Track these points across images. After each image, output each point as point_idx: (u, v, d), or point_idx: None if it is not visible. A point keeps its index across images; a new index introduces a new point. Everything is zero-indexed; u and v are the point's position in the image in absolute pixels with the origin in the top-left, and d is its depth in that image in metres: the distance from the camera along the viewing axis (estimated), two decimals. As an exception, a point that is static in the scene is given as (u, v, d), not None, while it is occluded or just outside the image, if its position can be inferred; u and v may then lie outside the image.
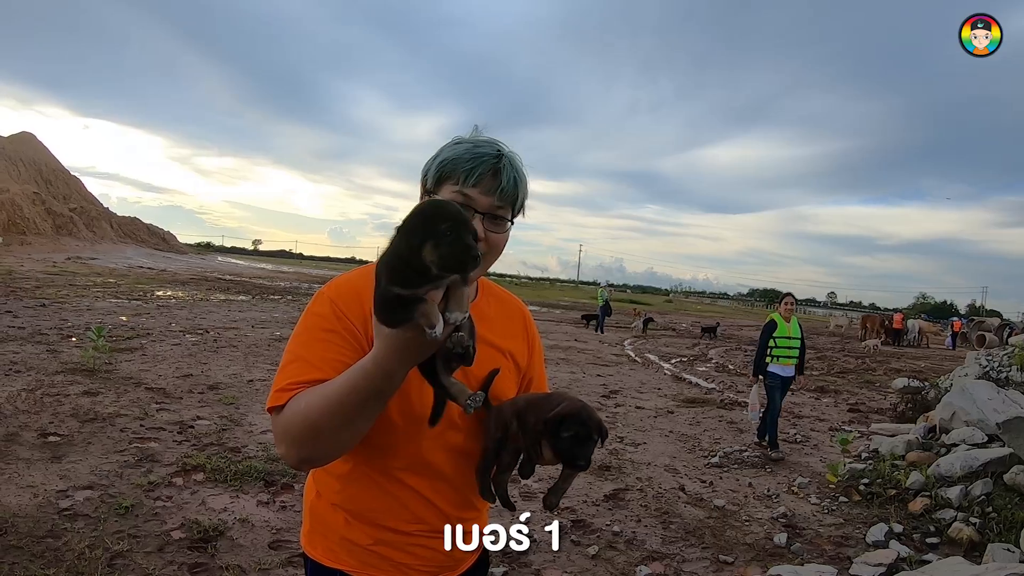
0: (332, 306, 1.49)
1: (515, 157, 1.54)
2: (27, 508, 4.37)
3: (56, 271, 28.63)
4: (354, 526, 1.55)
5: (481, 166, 1.47)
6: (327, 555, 1.58)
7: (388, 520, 1.54)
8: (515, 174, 1.51)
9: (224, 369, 9.81)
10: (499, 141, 1.55)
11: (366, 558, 1.55)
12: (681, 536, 5.13)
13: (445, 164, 1.50)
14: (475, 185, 1.47)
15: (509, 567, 4.32)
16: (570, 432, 1.38)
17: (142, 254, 51.09)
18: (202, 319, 16.06)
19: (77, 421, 6.35)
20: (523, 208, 1.59)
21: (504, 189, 1.49)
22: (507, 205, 1.51)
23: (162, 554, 3.96)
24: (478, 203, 1.48)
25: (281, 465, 5.48)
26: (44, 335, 11.27)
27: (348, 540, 1.56)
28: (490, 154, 1.49)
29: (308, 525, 1.65)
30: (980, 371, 9.94)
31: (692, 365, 16.93)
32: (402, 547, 1.55)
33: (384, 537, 1.54)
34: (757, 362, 8.30)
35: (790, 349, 8.04)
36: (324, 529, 1.60)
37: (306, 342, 1.47)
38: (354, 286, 1.53)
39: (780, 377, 8.04)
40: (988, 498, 5.66)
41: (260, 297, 25.96)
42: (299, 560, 3.77)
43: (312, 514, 1.64)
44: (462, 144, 1.52)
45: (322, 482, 1.62)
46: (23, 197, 46.04)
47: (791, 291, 8.56)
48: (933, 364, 22.58)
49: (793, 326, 8.08)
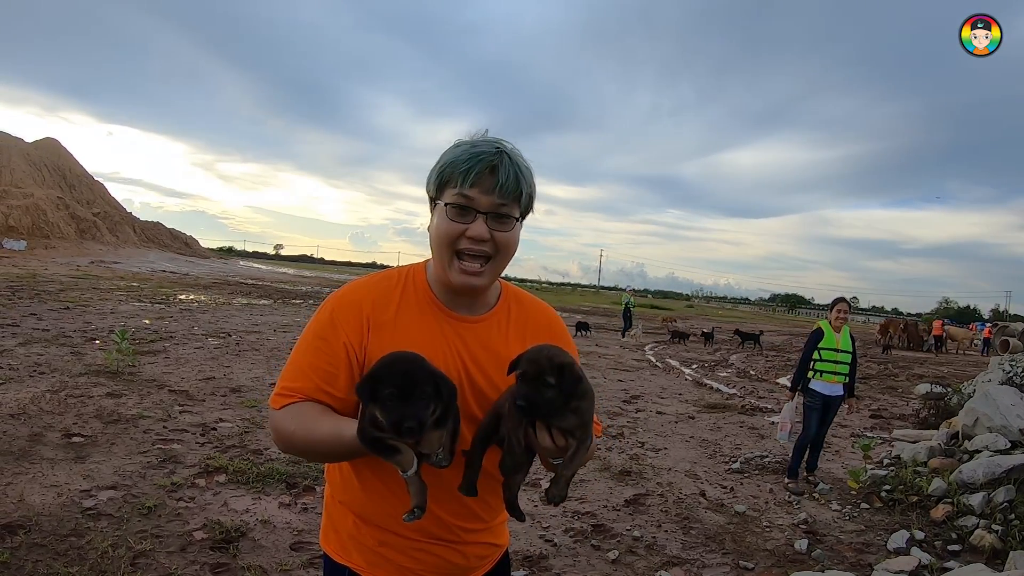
0: (331, 316, 1.55)
1: (516, 153, 1.52)
2: (51, 507, 4.43)
3: (80, 275, 28.91)
4: (361, 527, 1.58)
5: (478, 165, 1.47)
6: (339, 551, 1.62)
7: (391, 524, 1.55)
8: (515, 169, 1.49)
9: (246, 372, 9.89)
10: (502, 140, 1.53)
11: (372, 559, 1.57)
12: (701, 542, 5.10)
13: (444, 169, 1.51)
14: (474, 185, 1.47)
15: (529, 571, 4.32)
16: (520, 370, 1.34)
17: (165, 258, 51.52)
18: (224, 323, 16.18)
19: (101, 422, 6.42)
20: (531, 205, 1.57)
21: (503, 185, 1.47)
22: (511, 202, 1.50)
23: (184, 554, 3.99)
24: (479, 203, 1.48)
25: (303, 467, 5.51)
26: (68, 337, 11.40)
27: (356, 539, 1.59)
28: (488, 152, 1.48)
29: (324, 520, 1.69)
30: (1003, 377, 9.80)
31: (713, 370, 16.83)
32: (405, 551, 1.56)
33: (388, 540, 1.56)
34: (797, 375, 7.09)
35: (837, 364, 6.88)
36: (336, 526, 1.63)
37: (303, 347, 1.55)
38: (356, 297, 1.57)
39: (822, 396, 6.86)
40: (1011, 505, 5.58)
41: (282, 301, 26.10)
42: (320, 561, 3.79)
43: (327, 510, 1.68)
44: (461, 147, 1.52)
45: (332, 481, 1.66)
46: (47, 202, 46.63)
47: (843, 296, 7.25)
48: (956, 370, 22.31)
49: (844, 337, 6.95)
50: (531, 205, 1.57)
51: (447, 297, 1.59)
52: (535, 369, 1.32)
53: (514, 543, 4.66)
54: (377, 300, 1.56)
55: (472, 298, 1.61)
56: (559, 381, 1.32)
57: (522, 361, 1.35)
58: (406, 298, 1.58)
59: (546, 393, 1.31)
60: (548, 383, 1.31)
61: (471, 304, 1.62)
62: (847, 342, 6.95)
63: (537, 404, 1.30)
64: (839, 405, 7.02)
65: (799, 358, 7.19)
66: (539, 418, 1.34)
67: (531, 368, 1.32)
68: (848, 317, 7.06)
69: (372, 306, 1.55)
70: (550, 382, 1.31)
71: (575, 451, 1.38)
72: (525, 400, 1.30)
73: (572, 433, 1.36)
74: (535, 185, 1.56)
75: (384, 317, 1.52)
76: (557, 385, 1.31)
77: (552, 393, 1.31)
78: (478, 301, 1.63)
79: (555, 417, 1.34)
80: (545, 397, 1.31)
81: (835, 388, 6.89)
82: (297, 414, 1.46)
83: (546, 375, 1.31)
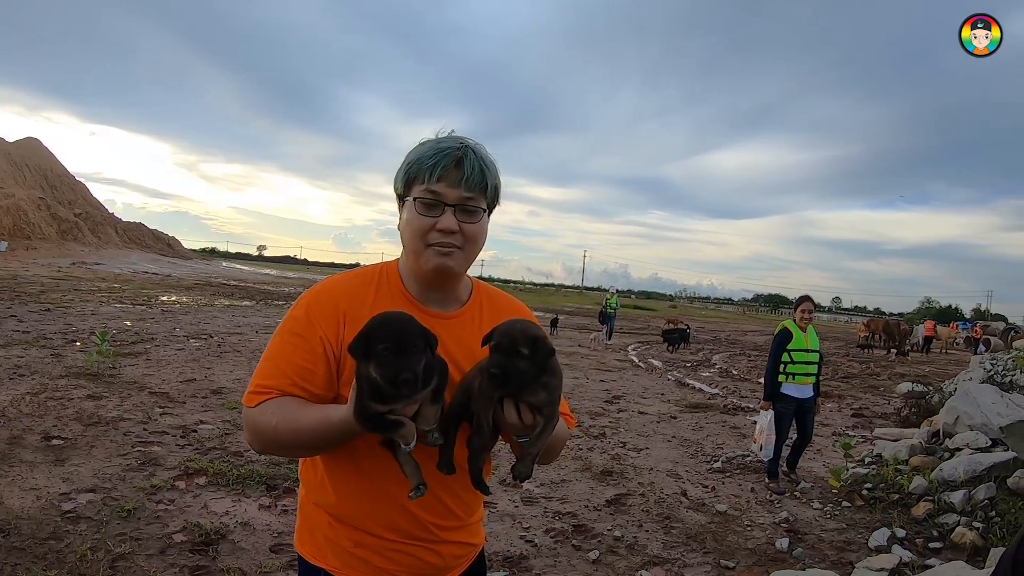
0: (307, 311, 1.56)
1: (480, 148, 1.56)
2: (30, 510, 4.38)
3: (61, 276, 28.68)
4: (337, 528, 1.57)
5: (444, 160, 1.50)
6: (314, 553, 1.60)
7: (367, 525, 1.55)
8: (480, 163, 1.53)
9: (228, 374, 9.83)
10: (465, 138, 1.57)
11: (348, 560, 1.56)
12: (683, 541, 5.11)
13: (411, 166, 1.54)
14: (440, 180, 1.50)
15: (510, 571, 4.32)
16: (493, 342, 1.36)
17: (147, 259, 51.15)
18: (206, 324, 16.09)
19: (81, 424, 6.37)
20: (497, 197, 1.61)
21: (469, 178, 1.51)
22: (477, 194, 1.54)
23: (164, 557, 3.96)
24: (446, 196, 1.51)
25: (283, 469, 5.49)
26: (48, 339, 11.31)
27: (332, 541, 1.58)
28: (452, 147, 1.51)
29: (299, 522, 1.68)
30: (984, 375, 9.91)
31: (695, 370, 16.90)
32: (382, 552, 1.56)
33: (364, 540, 1.55)
34: (770, 382, 6.83)
35: (807, 364, 6.75)
36: (311, 527, 1.62)
37: (278, 344, 1.55)
38: (331, 293, 1.59)
39: (795, 400, 6.72)
40: (992, 502, 5.63)
41: (264, 302, 26.01)
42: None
43: (302, 511, 1.67)
44: (425, 144, 1.55)
45: (307, 482, 1.65)
46: (28, 202, 46.16)
47: (808, 295, 7.18)
48: (937, 369, 22.51)
49: (811, 337, 6.81)
50: (497, 197, 1.61)
51: (421, 293, 1.61)
52: (508, 341, 1.33)
53: (494, 543, 4.66)
54: (353, 296, 1.57)
55: (445, 288, 1.63)
56: (532, 352, 1.33)
57: (496, 333, 1.36)
58: (380, 294, 1.59)
59: (519, 364, 1.32)
60: (522, 354, 1.32)
61: (444, 299, 1.63)
62: (815, 341, 6.88)
63: (510, 374, 1.31)
64: (812, 406, 6.92)
65: (767, 364, 6.99)
66: (511, 389, 1.35)
67: (504, 340, 1.34)
68: (813, 316, 6.96)
69: (349, 302, 1.56)
70: (523, 353, 1.32)
71: (542, 429, 1.40)
72: (499, 369, 1.31)
73: (540, 410, 1.38)
74: (500, 179, 1.59)
75: (360, 313, 1.51)
76: (530, 356, 1.33)
77: (525, 364, 1.32)
78: (450, 297, 1.65)
79: (526, 390, 1.35)
80: (518, 368, 1.32)
81: (806, 390, 6.80)
82: (277, 408, 1.45)
83: (519, 346, 1.32)
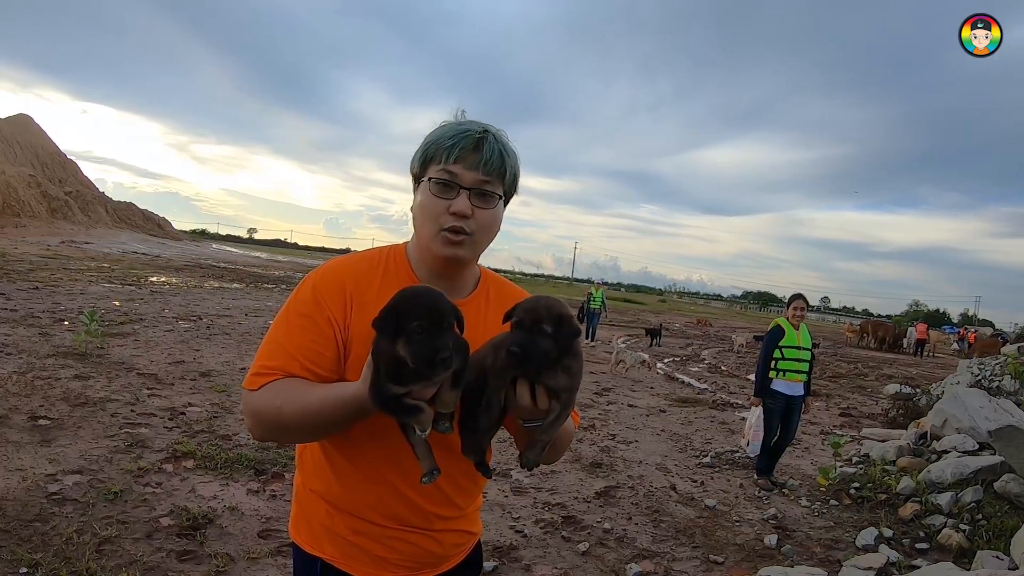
0: (313, 292, 1.51)
1: (501, 134, 1.52)
2: (15, 491, 4.34)
3: (50, 254, 28.45)
4: (334, 516, 1.54)
5: (463, 141, 1.46)
6: (310, 541, 1.57)
7: (366, 512, 1.52)
8: (500, 147, 1.49)
9: (217, 356, 9.78)
10: (488, 124, 1.53)
11: (346, 548, 1.54)
12: (672, 535, 5.12)
13: (429, 147, 1.50)
14: (457, 161, 1.46)
15: (500, 561, 4.31)
16: (515, 318, 1.28)
17: (137, 239, 50.80)
18: (195, 306, 16.00)
19: (68, 405, 6.31)
20: (515, 186, 1.57)
21: (488, 161, 1.47)
22: (494, 179, 1.49)
23: (150, 540, 3.93)
24: (462, 179, 1.47)
25: (272, 454, 5.46)
26: (36, 318, 11.21)
27: (329, 529, 1.55)
28: (473, 130, 1.48)
29: (294, 510, 1.64)
30: (972, 379, 9.96)
31: (685, 365, 16.93)
32: (380, 540, 1.53)
33: (362, 528, 1.53)
34: (761, 377, 6.90)
35: (799, 362, 6.76)
36: (308, 515, 1.59)
37: (283, 326, 1.50)
38: (338, 275, 1.54)
39: (785, 397, 6.73)
40: (978, 505, 5.67)
41: (254, 285, 25.89)
42: (288, 549, 3.74)
43: (298, 499, 1.64)
44: (446, 125, 1.52)
45: (304, 469, 1.61)
46: (18, 179, 45.77)
47: (801, 293, 7.17)
48: (925, 371, 22.63)
49: (803, 334, 6.82)
50: (515, 186, 1.57)
51: (429, 278, 1.56)
52: (532, 317, 1.25)
53: (485, 534, 4.64)
54: (360, 278, 1.53)
55: (454, 275, 1.58)
56: (556, 331, 1.25)
57: (518, 309, 1.28)
58: (387, 278, 1.54)
59: (542, 343, 1.24)
60: (545, 332, 1.24)
61: (451, 286, 1.58)
62: (807, 339, 6.86)
63: (531, 353, 1.23)
64: (801, 405, 6.88)
65: (759, 360, 7.03)
66: (532, 368, 1.26)
67: (528, 316, 1.25)
68: (805, 314, 6.95)
69: (355, 284, 1.51)
70: (547, 331, 1.24)
71: (557, 415, 1.32)
72: (519, 347, 1.22)
73: (558, 395, 1.30)
74: (519, 168, 1.55)
75: (367, 296, 1.48)
76: (554, 335, 1.25)
77: (548, 344, 1.24)
78: (458, 283, 1.61)
79: (547, 371, 1.27)
80: (541, 347, 1.24)
81: (797, 387, 6.78)
82: (281, 389, 1.40)
83: (543, 324, 1.24)
